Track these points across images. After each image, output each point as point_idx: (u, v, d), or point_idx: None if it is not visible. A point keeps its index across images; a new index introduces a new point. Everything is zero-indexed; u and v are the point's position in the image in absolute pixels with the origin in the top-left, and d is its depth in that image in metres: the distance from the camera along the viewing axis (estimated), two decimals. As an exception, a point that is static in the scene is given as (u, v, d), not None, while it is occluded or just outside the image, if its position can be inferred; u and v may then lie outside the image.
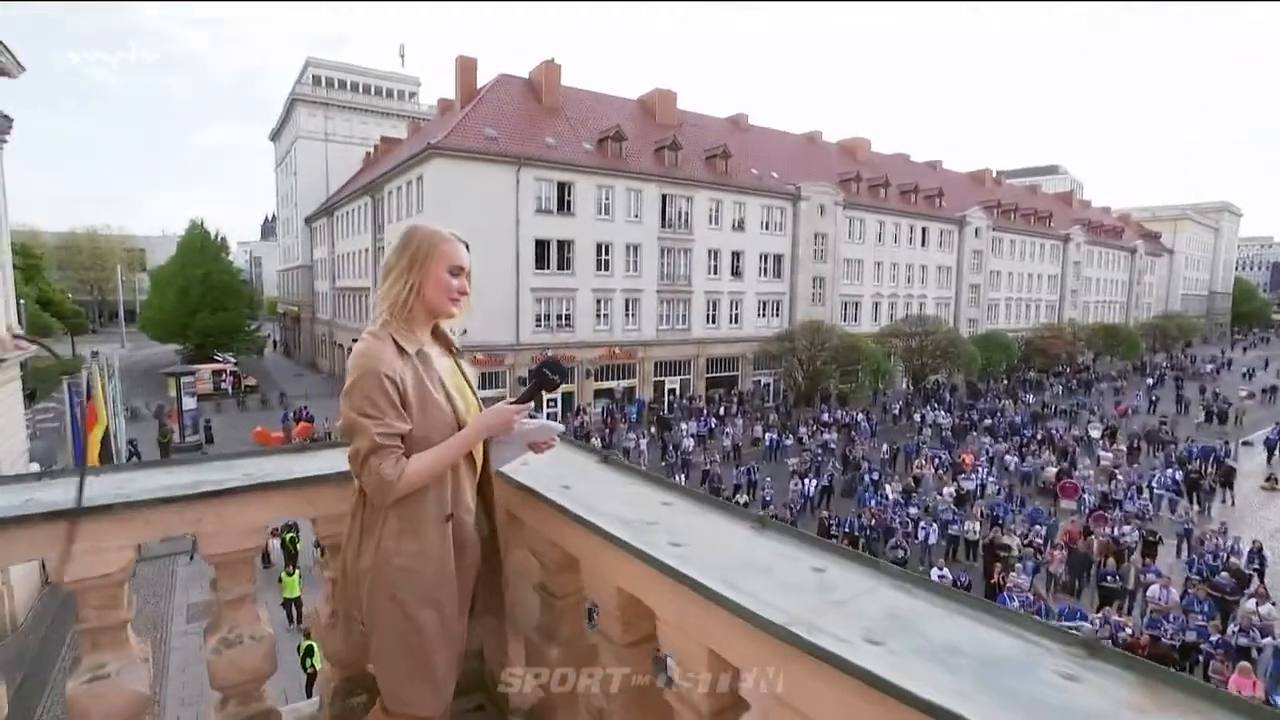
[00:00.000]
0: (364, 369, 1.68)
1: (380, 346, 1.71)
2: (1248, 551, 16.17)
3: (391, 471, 1.64)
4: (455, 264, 1.83)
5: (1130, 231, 72.79)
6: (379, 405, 1.65)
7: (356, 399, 1.68)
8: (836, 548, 1.49)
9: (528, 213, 29.75)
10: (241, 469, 2.20)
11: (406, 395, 1.69)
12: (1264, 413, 38.10)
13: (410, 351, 1.74)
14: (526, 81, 34.29)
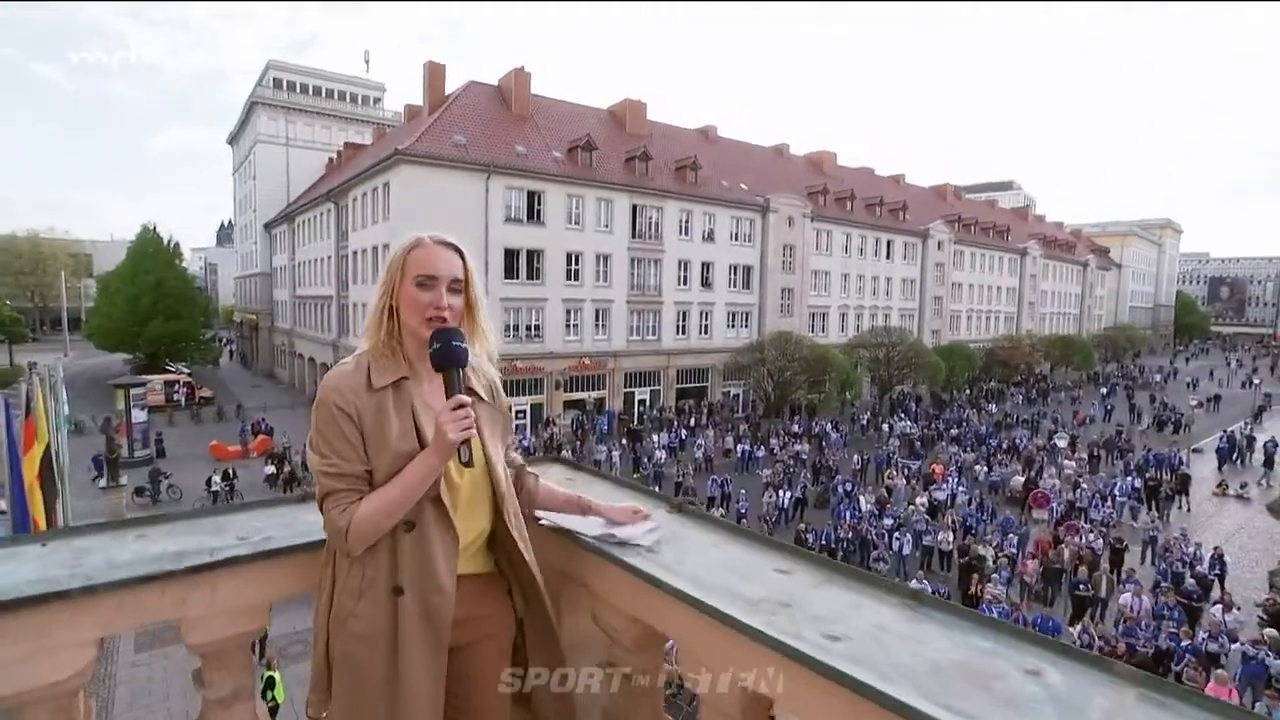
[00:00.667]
0: (318, 400, 1.51)
1: (341, 375, 1.53)
2: (1209, 558, 16.59)
3: (340, 517, 1.45)
4: (421, 273, 1.52)
5: (1082, 246, 75.36)
6: (329, 441, 1.48)
7: (312, 433, 1.52)
8: (1047, 641, 1.18)
9: (497, 221, 29.31)
10: (234, 529, 1.83)
11: (364, 430, 1.48)
12: (1209, 421, 39.58)
13: (382, 384, 1.52)
14: (496, 89, 33.92)
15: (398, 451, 1.49)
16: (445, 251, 1.56)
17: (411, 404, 1.55)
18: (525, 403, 31.38)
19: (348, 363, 1.56)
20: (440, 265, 1.54)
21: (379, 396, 1.51)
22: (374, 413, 1.49)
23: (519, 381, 31.00)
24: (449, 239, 1.59)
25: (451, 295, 1.55)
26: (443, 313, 1.52)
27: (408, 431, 1.52)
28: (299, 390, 45.50)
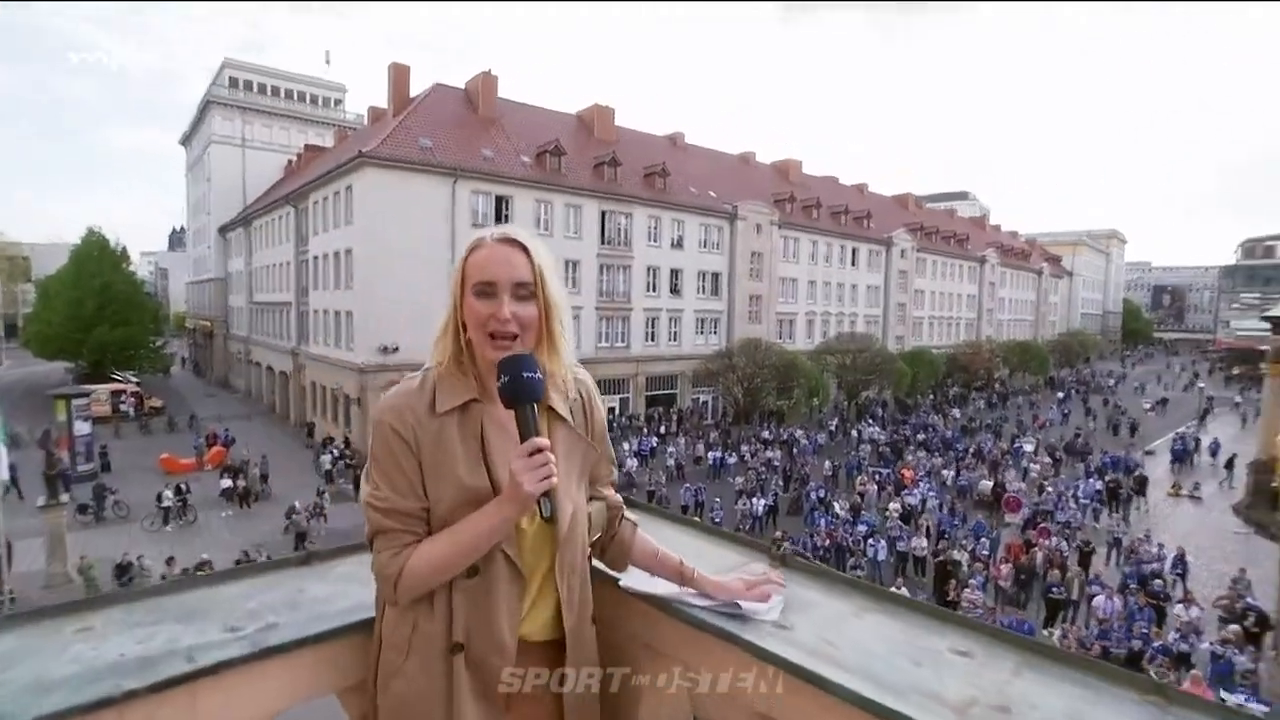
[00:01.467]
0: (374, 422, 1.31)
1: (402, 394, 1.31)
2: (1171, 558, 17.01)
3: (390, 563, 1.25)
4: (479, 280, 1.28)
5: (1035, 255, 77.70)
6: (383, 470, 1.28)
7: (369, 458, 1.32)
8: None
9: (464, 226, 28.72)
10: (219, 614, 1.39)
11: (423, 460, 1.27)
12: (1159, 422, 41.03)
13: (448, 407, 1.29)
14: (463, 92, 33.38)
15: (464, 487, 1.27)
16: (506, 250, 1.30)
17: (481, 431, 1.31)
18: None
19: (412, 379, 1.34)
20: (498, 268, 1.27)
21: (443, 422, 1.29)
22: (436, 441, 1.27)
23: (487, 389, 30.44)
24: (515, 234, 1.33)
25: (517, 303, 1.28)
26: (506, 326, 1.26)
27: (476, 465, 1.29)
28: (256, 399, 43.99)
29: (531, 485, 1.17)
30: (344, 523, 20.75)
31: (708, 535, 1.79)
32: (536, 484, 1.18)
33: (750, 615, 1.32)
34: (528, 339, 1.30)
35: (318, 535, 19.40)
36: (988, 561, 16.61)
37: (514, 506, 1.21)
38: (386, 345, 26.72)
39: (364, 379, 26.89)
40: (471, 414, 1.30)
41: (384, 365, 26.90)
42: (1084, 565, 16.49)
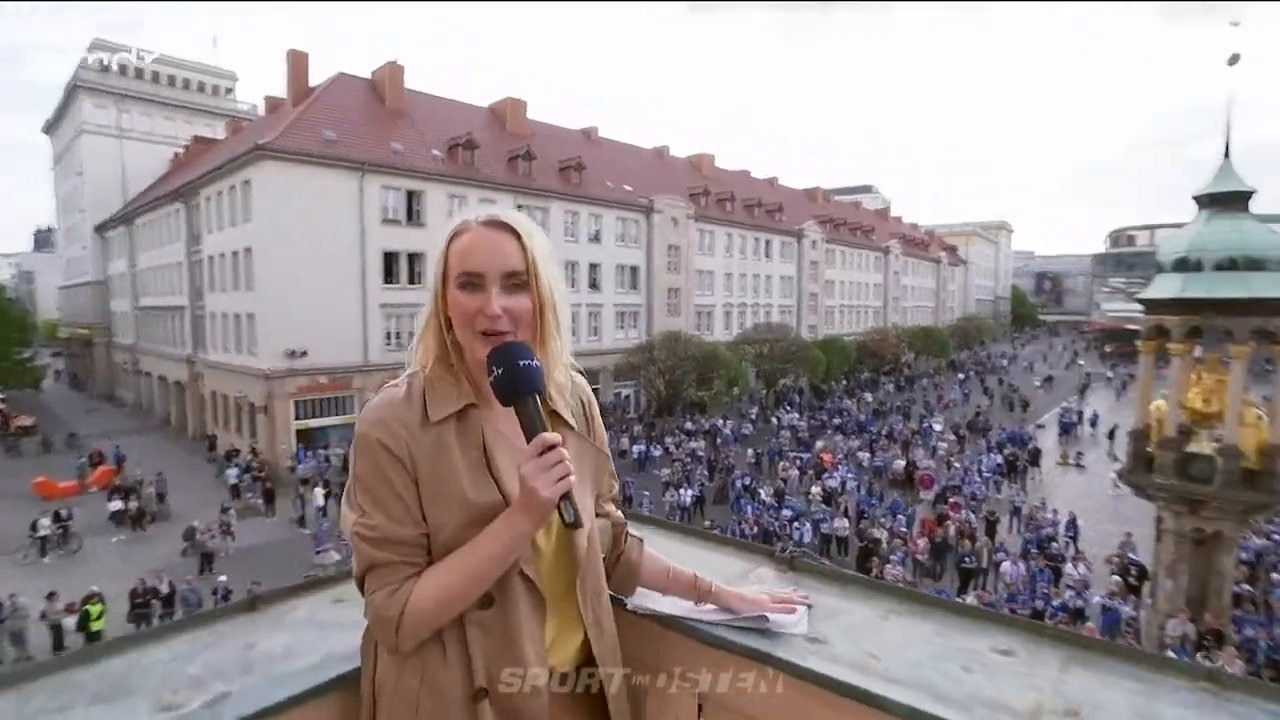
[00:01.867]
0: (357, 438, 1.13)
1: (388, 404, 1.14)
2: (1064, 522, 18.44)
3: (387, 604, 1.08)
4: (463, 270, 1.13)
5: (934, 245, 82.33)
6: (372, 495, 1.10)
7: (350, 483, 1.15)
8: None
9: (374, 223, 27.53)
10: (159, 684, 1.14)
11: (420, 477, 1.11)
12: (1046, 398, 44.45)
13: (443, 415, 1.14)
14: (367, 82, 31.87)
15: (471, 504, 1.11)
16: (494, 236, 1.15)
17: (483, 439, 1.16)
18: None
19: (395, 387, 1.18)
20: (485, 257, 1.13)
21: (439, 432, 1.13)
22: (433, 455, 1.11)
23: (404, 392, 29.37)
24: (503, 216, 1.18)
25: (508, 295, 1.13)
26: (495, 322, 1.11)
27: (481, 477, 1.13)
28: (147, 413, 40.68)
29: (548, 489, 1.02)
30: (254, 538, 19.52)
31: (706, 542, 1.70)
32: (553, 486, 1.03)
33: (777, 629, 1.23)
34: (521, 336, 1.15)
35: (225, 555, 18.16)
36: (905, 537, 17.48)
37: (530, 516, 1.06)
38: (294, 349, 25.27)
39: (270, 385, 25.33)
40: (469, 421, 1.16)
41: (292, 370, 25.44)
42: (990, 535, 17.65)
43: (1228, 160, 12.89)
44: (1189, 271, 12.48)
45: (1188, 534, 12.43)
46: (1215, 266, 12.27)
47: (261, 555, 18.27)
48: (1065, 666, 1.06)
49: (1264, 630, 12.65)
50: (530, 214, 6.49)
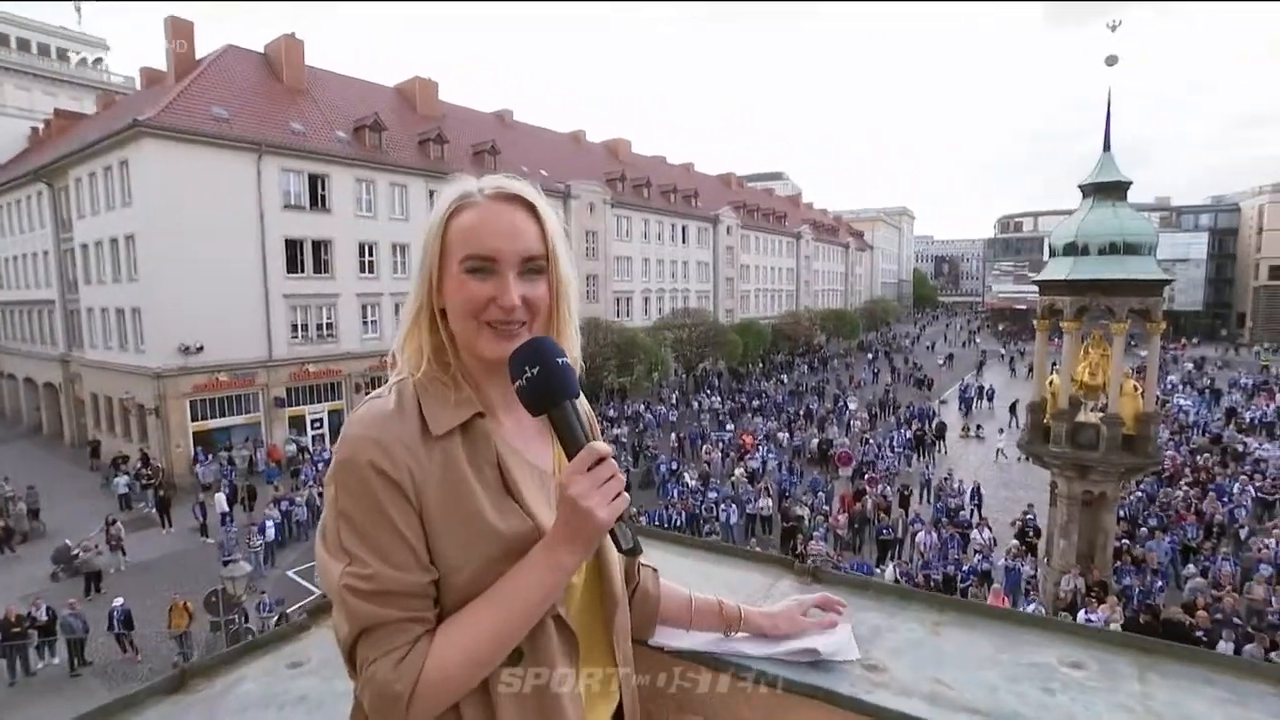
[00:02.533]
0: (340, 463, 0.90)
1: (378, 418, 0.93)
2: (969, 491, 19.67)
3: (393, 675, 0.85)
4: (472, 253, 0.95)
5: (843, 230, 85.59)
6: (364, 535, 0.88)
7: (328, 521, 0.93)
8: None
9: (274, 208, 25.77)
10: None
11: (425, 508, 0.90)
12: (948, 375, 47.26)
13: (448, 428, 0.94)
14: (261, 56, 29.63)
15: (498, 536, 0.92)
16: (507, 212, 0.97)
17: (498, 456, 0.97)
18: (322, 410, 28.28)
19: (381, 399, 0.96)
20: (500, 240, 0.95)
21: (445, 449, 0.93)
22: (443, 477, 0.91)
23: (312, 387, 27.83)
24: (515, 188, 1.00)
25: (526, 282, 0.97)
26: (510, 314, 0.95)
27: (504, 501, 0.94)
28: (13, 420, 36.79)
29: (603, 509, 0.85)
30: (149, 552, 18.06)
31: (719, 556, 1.57)
32: (608, 506, 0.85)
33: (830, 659, 1.09)
34: (535, 328, 0.99)
35: (116, 572, 16.69)
36: (826, 514, 18.16)
37: (578, 545, 0.88)
38: (188, 345, 23.40)
39: (162, 385, 23.38)
40: (477, 433, 0.96)
41: (186, 368, 23.58)
42: (904, 506, 18.60)
43: (1108, 153, 13.94)
44: (1077, 255, 13.46)
45: (1078, 496, 13.50)
46: (1099, 251, 13.28)
47: (159, 570, 16.92)
48: (1143, 677, 1.02)
49: (1138, 578, 13.93)
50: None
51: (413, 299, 1.01)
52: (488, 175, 1.02)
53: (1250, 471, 21.07)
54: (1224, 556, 15.17)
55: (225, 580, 10.85)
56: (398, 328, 1.05)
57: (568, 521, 0.87)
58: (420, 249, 1.01)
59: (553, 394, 0.90)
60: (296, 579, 16.47)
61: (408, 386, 0.97)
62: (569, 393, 0.92)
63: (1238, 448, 24.33)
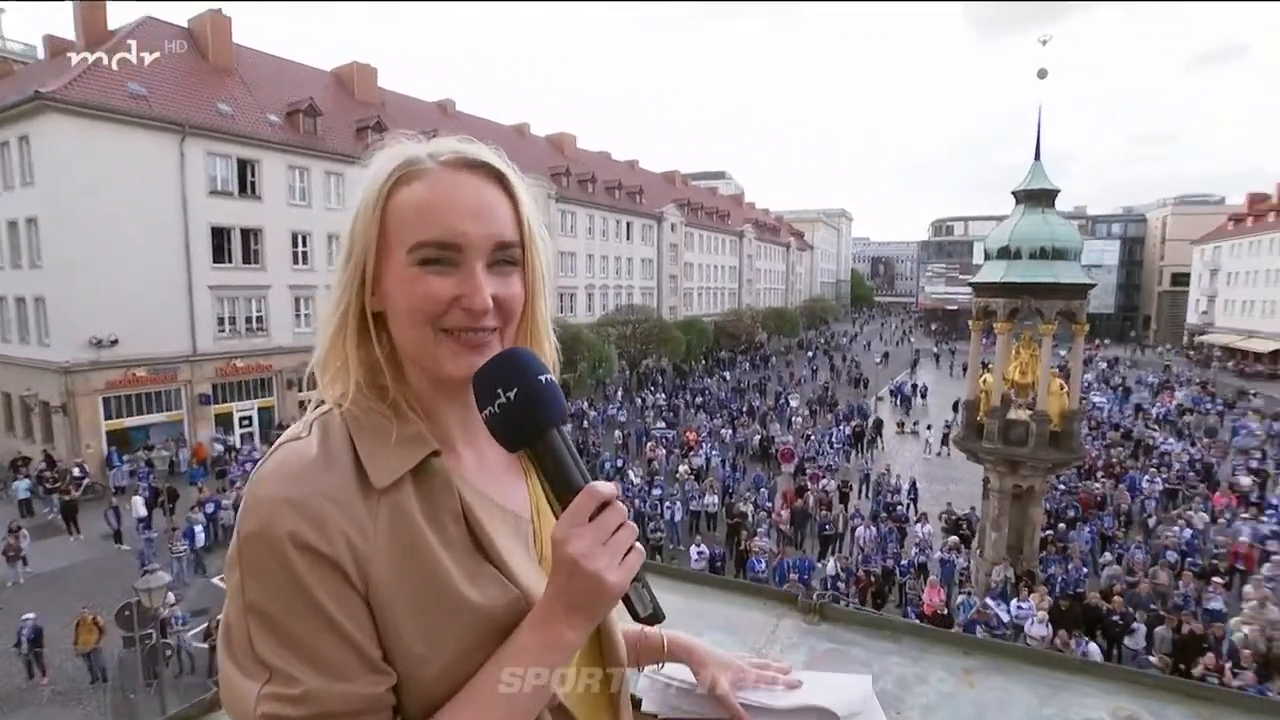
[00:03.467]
0: (247, 535, 0.67)
1: (297, 469, 0.70)
2: (906, 486, 20.28)
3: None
4: (426, 239, 0.73)
5: (784, 230, 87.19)
6: (285, 634, 0.66)
7: (232, 619, 0.69)
8: None
9: (199, 194, 24.34)
10: None
11: (373, 587, 0.69)
12: (884, 373, 48.73)
13: (394, 477, 0.72)
14: (185, 31, 27.90)
15: (475, 611, 0.72)
16: (471, 183, 0.76)
17: (461, 505, 0.76)
18: (251, 407, 26.94)
19: (300, 442, 0.73)
20: (465, 220, 0.74)
21: (393, 505, 0.71)
22: (393, 543, 0.70)
23: (241, 383, 26.47)
24: (479, 152, 0.79)
25: (497, 277, 0.76)
26: (479, 318, 0.74)
27: (476, 565, 0.74)
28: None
29: (614, 570, 0.67)
30: (56, 561, 16.80)
31: (712, 589, 1.42)
32: (621, 567, 0.68)
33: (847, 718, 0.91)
34: (507, 336, 0.79)
35: (15, 585, 15.43)
36: (769, 510, 18.39)
37: (581, 620, 0.70)
38: (100, 338, 21.86)
39: (70, 381, 21.76)
40: (434, 477, 0.74)
41: (98, 363, 22.04)
42: (844, 502, 19.02)
43: (1038, 162, 14.55)
44: (1010, 259, 14.01)
45: (1009, 491, 14.08)
46: (1030, 255, 13.86)
47: (67, 581, 15.72)
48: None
49: (1060, 567, 14.63)
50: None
51: (335, 301, 0.78)
52: (438, 137, 0.81)
53: (1158, 464, 22.48)
54: (1136, 544, 16.11)
55: (140, 592, 10.10)
56: (316, 339, 0.80)
57: (566, 588, 0.68)
58: (346, 234, 0.77)
59: (536, 423, 0.71)
60: (220, 585, 15.61)
61: (334, 423, 0.75)
62: (556, 419, 0.72)
63: (1148, 442, 25.95)
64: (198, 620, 13.23)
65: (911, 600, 13.22)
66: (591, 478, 0.71)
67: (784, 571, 14.12)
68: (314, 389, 0.80)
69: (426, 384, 0.79)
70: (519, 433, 0.71)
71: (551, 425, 0.72)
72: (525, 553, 0.81)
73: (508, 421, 0.71)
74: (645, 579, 0.72)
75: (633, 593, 0.70)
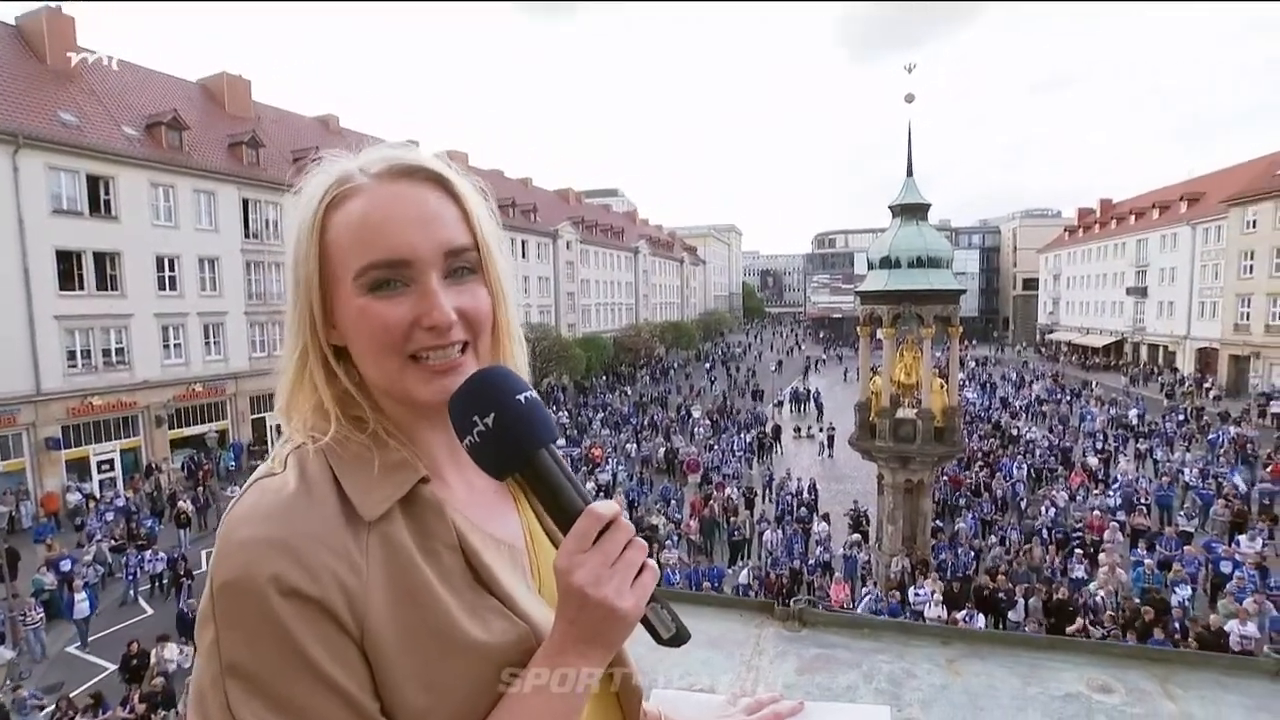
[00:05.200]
0: (224, 584, 0.61)
1: (279, 511, 0.64)
2: (806, 487, 21.14)
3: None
4: (373, 260, 0.69)
5: (677, 245, 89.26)
6: (274, 695, 0.59)
7: (204, 682, 0.62)
8: None
9: (39, 213, 21.80)
10: None
11: (369, 631, 0.63)
12: (779, 380, 50.79)
13: (381, 509, 0.67)
14: (14, 30, 25.07)
15: (481, 648, 0.66)
16: (411, 192, 0.72)
17: (456, 533, 0.71)
18: (113, 449, 24.27)
19: (278, 479, 0.68)
20: (410, 230, 0.70)
21: (384, 538, 0.66)
22: (388, 580, 0.65)
23: (99, 423, 23.80)
24: (413, 158, 0.75)
25: (457, 288, 0.72)
26: (445, 334, 0.70)
27: (480, 598, 0.69)
28: None
29: (626, 595, 0.63)
30: None
31: (689, 605, 1.41)
32: (634, 590, 0.64)
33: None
34: (480, 350, 0.75)
35: None
36: (678, 522, 18.62)
37: (596, 653, 0.65)
38: None
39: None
40: (426, 506, 0.70)
41: (-85, 408, 19.19)
42: (750, 508, 19.57)
43: (910, 178, 15.75)
44: (891, 269, 15.04)
45: (901, 485, 15.01)
46: (909, 264, 14.93)
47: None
48: (1168, 692, 1.03)
49: (950, 553, 15.73)
50: (259, 208, 5.36)
51: (291, 341, 0.74)
52: (369, 149, 0.75)
53: (1024, 451, 24.72)
54: (1011, 526, 17.61)
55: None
56: (279, 384, 0.75)
57: (577, 620, 0.64)
58: (289, 268, 0.73)
59: (521, 447, 0.66)
60: (80, 655, 13.90)
61: (310, 459, 0.69)
62: (543, 439, 0.68)
63: (1013, 432, 28.49)
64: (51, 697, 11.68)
65: (819, 597, 13.78)
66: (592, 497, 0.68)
67: (697, 580, 14.32)
68: (190, 425, 0.72)
69: (403, 411, 0.75)
70: (504, 460, 0.67)
71: (538, 447, 0.67)
72: (526, 586, 0.76)
73: (490, 449, 0.66)
74: (666, 603, 0.69)
75: (651, 615, 0.67)
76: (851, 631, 1.26)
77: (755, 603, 1.37)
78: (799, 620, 1.28)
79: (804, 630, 1.26)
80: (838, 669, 1.10)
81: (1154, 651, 1.12)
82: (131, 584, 16.29)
